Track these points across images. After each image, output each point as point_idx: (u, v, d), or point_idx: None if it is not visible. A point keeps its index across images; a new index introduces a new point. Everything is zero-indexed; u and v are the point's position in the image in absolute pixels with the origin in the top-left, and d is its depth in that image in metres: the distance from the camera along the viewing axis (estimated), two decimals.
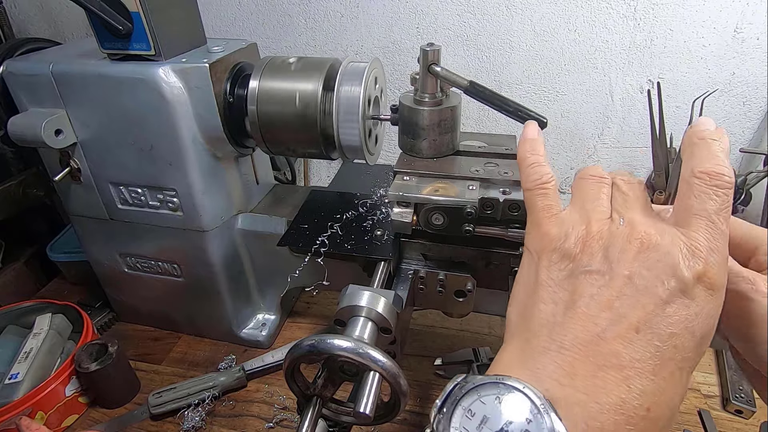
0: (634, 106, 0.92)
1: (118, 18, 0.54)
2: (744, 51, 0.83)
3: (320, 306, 0.87)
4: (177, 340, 0.80)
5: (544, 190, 0.32)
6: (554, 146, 1.00)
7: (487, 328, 0.79)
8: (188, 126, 0.59)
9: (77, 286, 0.93)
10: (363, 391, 0.38)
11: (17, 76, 0.61)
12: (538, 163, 0.34)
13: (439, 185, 0.51)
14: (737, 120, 0.90)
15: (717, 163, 0.27)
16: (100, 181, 0.66)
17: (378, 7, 0.92)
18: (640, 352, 0.25)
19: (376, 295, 0.44)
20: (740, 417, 0.63)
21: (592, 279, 0.27)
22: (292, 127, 0.58)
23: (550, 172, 0.33)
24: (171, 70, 0.56)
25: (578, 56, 0.89)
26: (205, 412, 0.66)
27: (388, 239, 0.57)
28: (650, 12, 0.83)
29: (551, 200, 0.32)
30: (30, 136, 0.59)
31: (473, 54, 0.93)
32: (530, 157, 0.34)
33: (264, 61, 0.60)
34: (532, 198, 0.33)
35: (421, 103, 0.53)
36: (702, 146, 0.28)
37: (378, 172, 0.73)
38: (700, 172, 0.27)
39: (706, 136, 0.29)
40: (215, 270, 0.70)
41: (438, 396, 0.26)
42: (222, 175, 0.66)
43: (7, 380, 0.65)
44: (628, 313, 0.26)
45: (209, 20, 0.99)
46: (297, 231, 0.61)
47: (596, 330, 0.26)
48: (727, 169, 0.27)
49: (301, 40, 0.98)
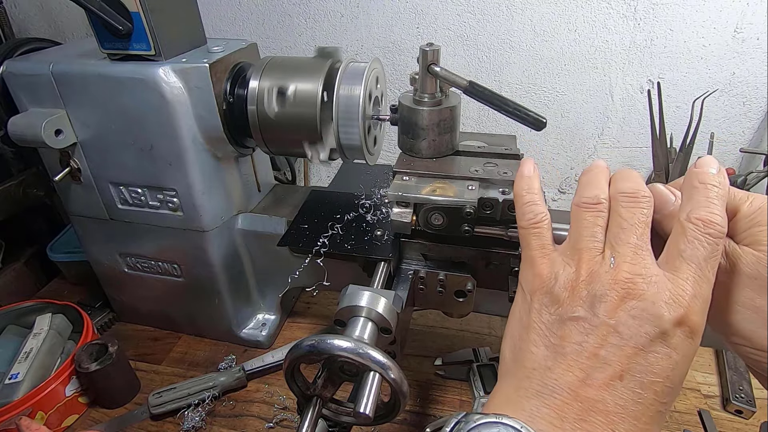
0: (634, 106, 0.92)
1: (118, 18, 0.54)
2: (744, 51, 0.83)
3: (320, 306, 0.87)
4: (177, 340, 0.80)
5: (538, 229, 0.34)
6: (554, 146, 1.00)
7: (487, 328, 0.79)
8: (188, 126, 0.59)
9: (77, 286, 0.93)
10: (363, 391, 0.38)
11: (17, 76, 0.61)
12: (533, 201, 0.35)
13: (438, 185, 0.51)
14: (737, 120, 0.90)
15: (711, 212, 0.28)
16: (100, 181, 0.66)
17: (378, 7, 0.92)
18: (624, 399, 0.27)
19: (376, 296, 0.44)
20: (740, 417, 0.63)
21: (579, 326, 0.29)
22: (292, 127, 0.59)
23: (544, 210, 0.35)
24: (171, 70, 0.56)
25: (578, 56, 0.89)
26: (205, 412, 0.66)
27: (388, 239, 0.57)
28: (650, 12, 0.83)
29: (544, 239, 0.34)
30: (30, 136, 0.59)
31: (473, 54, 0.93)
32: (526, 196, 0.36)
33: (264, 61, 0.60)
34: (526, 236, 0.35)
35: (420, 103, 0.53)
36: (701, 191, 0.29)
37: (378, 172, 0.73)
38: (695, 219, 0.28)
39: (707, 180, 0.29)
40: (215, 270, 0.70)
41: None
42: (222, 175, 0.66)
43: (7, 380, 0.65)
44: (612, 361, 0.28)
45: (209, 20, 0.99)
46: (297, 231, 0.61)
47: (583, 376, 0.28)
48: (721, 218, 0.28)
49: (301, 40, 0.98)
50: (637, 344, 0.27)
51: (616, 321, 0.28)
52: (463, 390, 0.69)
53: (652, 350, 0.27)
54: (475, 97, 0.52)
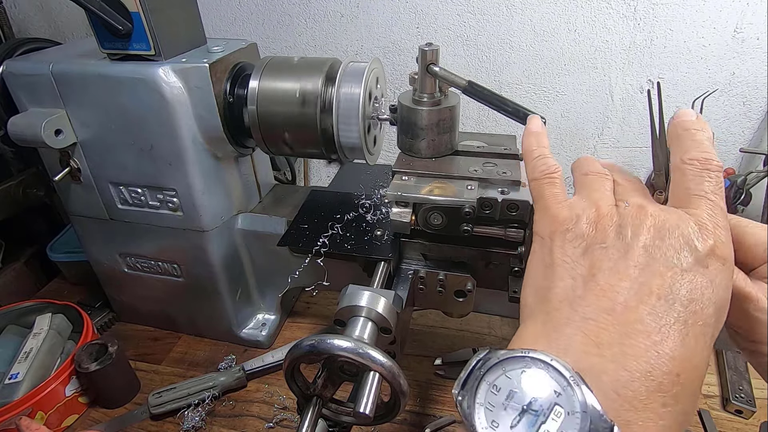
0: (634, 106, 0.92)
1: (118, 18, 0.54)
2: (744, 51, 0.83)
3: (320, 306, 0.87)
4: (177, 340, 0.80)
5: (552, 179, 0.33)
6: (554, 146, 0.99)
7: (487, 328, 0.79)
8: (188, 126, 0.59)
9: (77, 286, 0.93)
10: (363, 391, 0.38)
11: (17, 76, 0.61)
12: (544, 155, 0.34)
13: (437, 185, 0.51)
14: (737, 120, 0.90)
15: (704, 150, 0.29)
16: (100, 181, 0.66)
17: (378, 7, 0.92)
18: (665, 318, 0.25)
19: (376, 295, 0.44)
20: (740, 417, 0.63)
21: (608, 253, 0.27)
22: (292, 127, 0.59)
23: (556, 163, 0.34)
24: (171, 70, 0.56)
25: (578, 56, 0.89)
26: (205, 412, 0.66)
27: (388, 239, 0.57)
28: (650, 12, 0.83)
29: (558, 188, 0.32)
30: (30, 136, 0.59)
31: (473, 54, 0.93)
32: (536, 150, 0.35)
33: (264, 61, 0.60)
34: (539, 187, 0.33)
35: (419, 103, 0.53)
36: (687, 136, 0.30)
37: (378, 172, 0.73)
38: (690, 159, 0.29)
39: (690, 126, 0.30)
40: (215, 270, 0.70)
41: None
42: (222, 175, 0.66)
43: (7, 380, 0.65)
44: (648, 281, 0.26)
45: (209, 20, 0.99)
46: (297, 231, 0.61)
47: (618, 299, 0.25)
48: (714, 155, 0.29)
49: (301, 40, 0.98)
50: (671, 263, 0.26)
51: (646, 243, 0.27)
52: None
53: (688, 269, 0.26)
54: (474, 97, 0.52)
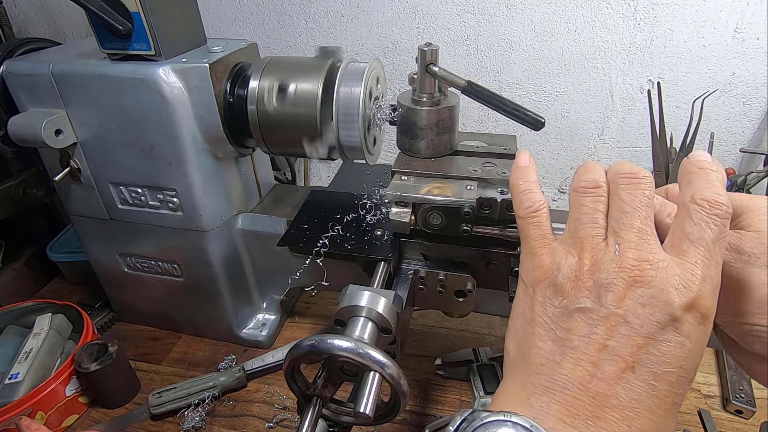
0: (634, 106, 0.92)
1: (118, 18, 0.54)
2: (744, 51, 0.83)
3: (320, 306, 0.87)
4: (177, 340, 0.80)
5: (537, 218, 0.33)
6: (554, 146, 1.00)
7: (487, 328, 0.79)
8: (188, 126, 0.59)
9: (77, 286, 0.93)
10: (363, 391, 0.38)
11: (17, 76, 0.61)
12: (530, 190, 0.34)
13: (436, 185, 0.51)
14: (737, 120, 0.90)
15: (716, 192, 0.27)
16: (100, 181, 0.66)
17: (378, 7, 0.92)
18: (638, 392, 0.26)
19: (376, 295, 0.44)
20: (740, 417, 0.63)
21: (585, 318, 0.28)
22: (292, 127, 0.59)
23: (541, 198, 0.34)
24: (171, 70, 0.56)
25: (578, 56, 0.89)
26: (205, 412, 0.66)
27: (388, 239, 0.57)
28: (650, 12, 0.83)
29: (544, 228, 0.33)
30: (30, 136, 0.59)
31: (473, 54, 0.93)
32: (522, 185, 0.35)
33: (264, 61, 0.60)
34: (525, 227, 0.33)
35: (419, 103, 0.53)
36: (701, 175, 0.29)
37: (378, 172, 0.73)
38: (701, 199, 0.27)
39: (705, 166, 0.29)
40: (215, 270, 0.70)
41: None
42: (222, 175, 0.66)
43: (7, 380, 0.65)
44: (623, 353, 0.26)
45: (209, 20, 0.99)
46: (297, 231, 0.61)
47: (593, 370, 0.26)
48: (726, 199, 0.27)
49: (301, 40, 0.98)
50: (648, 333, 0.26)
51: (625, 310, 0.26)
52: (463, 390, 0.69)
53: (664, 339, 0.26)
54: (474, 97, 0.52)
